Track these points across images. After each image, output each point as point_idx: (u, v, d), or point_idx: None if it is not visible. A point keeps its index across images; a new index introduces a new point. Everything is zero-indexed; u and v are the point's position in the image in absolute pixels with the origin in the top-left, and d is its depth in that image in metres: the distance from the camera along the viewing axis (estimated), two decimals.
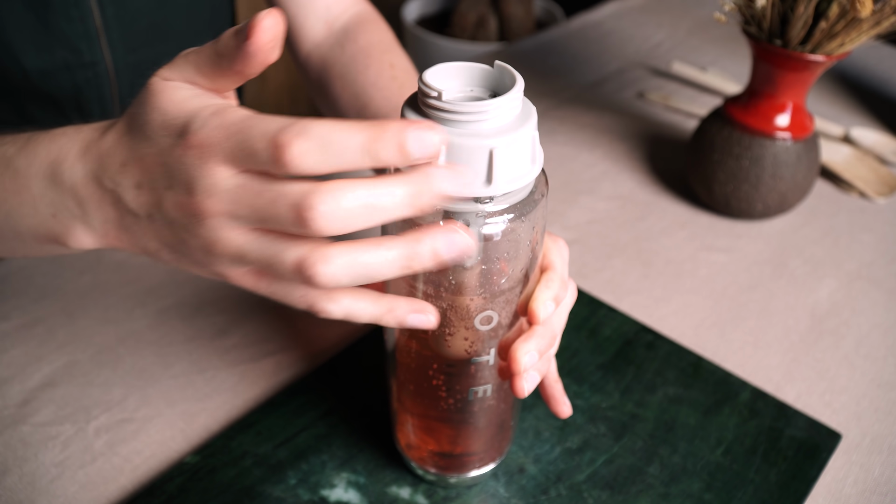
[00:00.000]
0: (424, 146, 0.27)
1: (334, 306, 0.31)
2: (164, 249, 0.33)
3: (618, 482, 0.45)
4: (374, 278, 0.29)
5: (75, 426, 0.48)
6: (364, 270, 0.28)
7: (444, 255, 0.29)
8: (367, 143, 0.27)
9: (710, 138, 0.66)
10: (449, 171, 0.28)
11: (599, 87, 0.89)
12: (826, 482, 0.47)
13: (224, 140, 0.28)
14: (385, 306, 0.32)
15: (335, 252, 0.28)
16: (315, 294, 0.31)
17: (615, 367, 0.53)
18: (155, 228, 0.32)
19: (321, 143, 0.26)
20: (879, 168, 0.76)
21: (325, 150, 0.27)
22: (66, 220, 0.35)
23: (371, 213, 0.27)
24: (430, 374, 0.38)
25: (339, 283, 0.28)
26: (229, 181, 0.29)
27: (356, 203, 0.27)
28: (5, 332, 0.54)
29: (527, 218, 0.33)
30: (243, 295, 0.57)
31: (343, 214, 0.27)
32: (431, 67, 0.32)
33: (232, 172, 0.29)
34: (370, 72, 0.60)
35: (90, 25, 0.59)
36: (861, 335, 0.57)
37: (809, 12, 0.55)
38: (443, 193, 0.28)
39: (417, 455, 0.43)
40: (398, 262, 0.29)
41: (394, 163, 0.27)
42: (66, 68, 0.60)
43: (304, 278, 0.28)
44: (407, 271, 0.29)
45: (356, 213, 0.27)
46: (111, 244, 0.35)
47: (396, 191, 0.27)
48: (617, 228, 0.67)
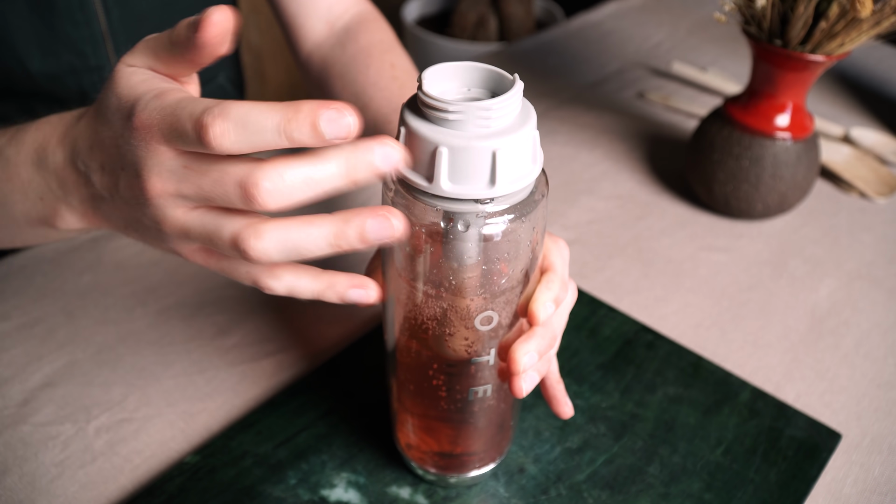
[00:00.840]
0: (338, 127, 0.28)
1: (276, 283, 0.33)
2: (128, 228, 0.35)
3: (618, 482, 0.45)
4: (305, 255, 0.30)
5: (75, 426, 0.48)
6: (294, 246, 0.30)
7: (370, 238, 0.30)
8: (283, 124, 0.28)
9: (710, 138, 0.66)
10: (386, 147, 0.29)
11: (599, 87, 0.89)
12: (826, 482, 0.47)
13: (160, 121, 0.30)
14: (325, 282, 0.33)
15: (267, 227, 0.30)
16: (258, 270, 0.33)
17: (615, 367, 0.53)
18: (117, 207, 0.34)
19: (239, 123, 0.28)
20: (879, 168, 0.76)
21: (243, 130, 0.28)
22: (52, 202, 0.37)
23: (311, 186, 0.29)
24: (430, 374, 0.38)
25: (271, 257, 0.30)
26: (173, 161, 0.30)
27: (298, 177, 0.29)
28: (5, 332, 0.54)
29: (527, 218, 0.33)
30: (244, 295, 0.57)
31: (286, 189, 0.29)
32: (430, 68, 0.32)
33: (173, 153, 0.30)
34: (371, 71, 0.60)
35: (96, 29, 0.59)
36: (861, 335, 0.57)
37: (809, 12, 0.55)
38: (379, 169, 0.30)
39: (417, 455, 0.43)
40: (325, 239, 0.30)
41: (308, 143, 0.28)
42: (73, 72, 0.61)
43: (239, 252, 0.30)
44: (336, 250, 0.30)
45: (297, 187, 0.29)
46: (91, 223, 0.37)
47: (331, 165, 0.29)
48: (617, 228, 0.67)
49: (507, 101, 0.30)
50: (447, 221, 0.32)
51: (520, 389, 0.36)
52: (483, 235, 0.32)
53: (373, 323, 0.56)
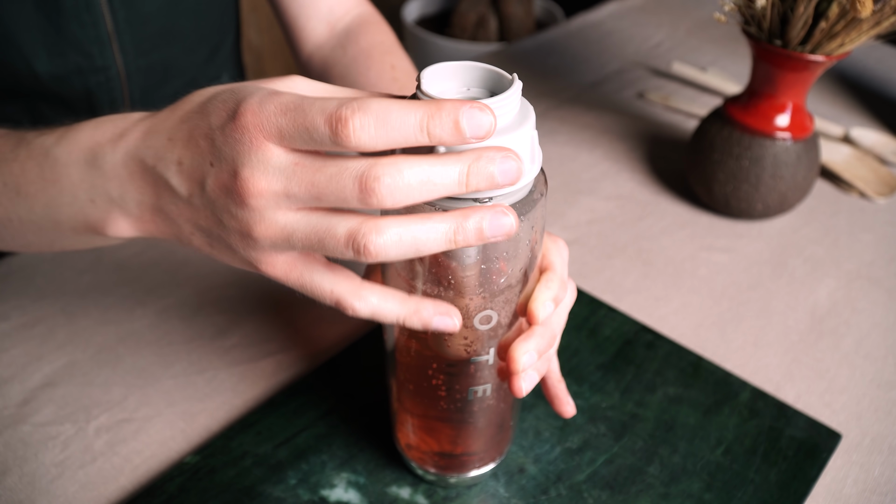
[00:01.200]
0: (479, 125, 0.28)
1: (362, 304, 0.32)
2: (197, 233, 0.33)
3: (618, 482, 0.45)
4: (422, 251, 0.29)
5: (75, 426, 0.48)
6: (413, 243, 0.29)
7: (488, 234, 0.30)
8: (424, 120, 0.28)
9: (709, 138, 0.66)
10: (509, 160, 0.29)
11: (599, 87, 0.89)
12: (826, 482, 0.47)
13: (279, 119, 0.29)
14: (412, 307, 0.32)
15: (387, 223, 0.29)
16: (343, 289, 0.32)
17: (615, 367, 0.53)
18: (192, 209, 0.32)
19: (379, 118, 0.27)
20: (879, 168, 0.76)
21: (383, 125, 0.28)
22: (104, 204, 0.35)
23: (429, 189, 0.28)
24: (429, 374, 0.38)
25: (388, 254, 0.29)
26: (282, 158, 0.29)
27: (417, 178, 0.28)
28: (5, 332, 0.54)
29: (526, 217, 0.33)
30: (244, 295, 0.57)
31: (405, 187, 0.28)
32: (428, 67, 0.32)
33: (283, 151, 0.29)
34: (371, 73, 0.60)
35: (102, 30, 0.60)
36: (861, 335, 0.57)
37: (809, 12, 0.55)
38: (498, 183, 0.29)
39: (417, 455, 0.43)
40: (445, 235, 0.29)
41: (449, 141, 0.28)
42: (79, 72, 0.61)
43: (356, 249, 0.29)
44: (452, 246, 0.30)
45: (416, 187, 0.28)
46: (147, 229, 0.35)
47: (453, 169, 0.28)
48: (617, 228, 0.67)
49: (503, 100, 0.30)
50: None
51: (519, 389, 0.36)
52: None
53: (373, 323, 0.56)
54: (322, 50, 0.66)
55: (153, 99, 0.66)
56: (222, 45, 0.72)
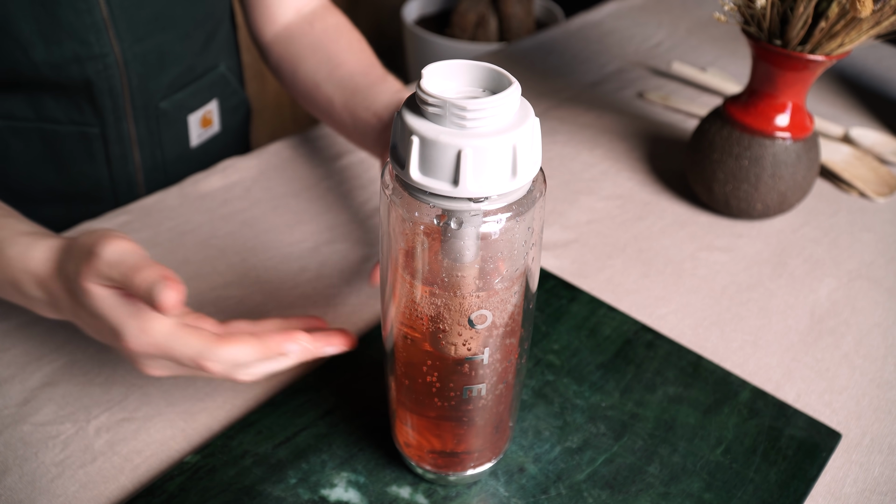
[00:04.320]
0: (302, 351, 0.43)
1: (247, 377, 0.43)
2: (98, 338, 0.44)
3: (618, 481, 0.46)
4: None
5: (76, 425, 0.48)
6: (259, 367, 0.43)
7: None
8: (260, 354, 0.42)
9: (709, 138, 0.66)
10: (301, 345, 0.43)
11: (599, 87, 0.89)
12: (826, 482, 0.47)
13: (153, 351, 0.41)
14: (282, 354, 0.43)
15: (224, 352, 0.41)
16: (227, 369, 0.42)
17: (615, 366, 0.53)
18: (96, 333, 0.44)
19: (230, 364, 0.42)
20: (879, 168, 0.76)
21: (234, 366, 0.42)
22: (29, 304, 0.47)
23: (239, 370, 0.42)
24: (424, 372, 0.38)
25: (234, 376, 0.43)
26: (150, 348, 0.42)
27: (233, 361, 0.42)
28: (5, 332, 0.54)
29: (524, 217, 0.33)
30: (244, 295, 0.58)
31: (227, 367, 0.42)
32: (429, 66, 0.32)
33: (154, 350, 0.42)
34: (342, 40, 0.67)
35: (97, 17, 0.60)
36: (861, 335, 0.57)
37: (809, 12, 0.55)
38: (289, 362, 0.43)
39: (415, 453, 0.43)
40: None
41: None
42: (76, 60, 0.61)
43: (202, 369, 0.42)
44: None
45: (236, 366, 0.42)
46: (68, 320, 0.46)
47: (251, 355, 0.42)
48: (617, 228, 0.67)
49: (502, 100, 0.30)
50: (442, 219, 0.32)
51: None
52: (480, 233, 0.32)
53: (373, 323, 0.56)
54: (289, 29, 0.70)
55: (151, 87, 0.67)
56: (217, 33, 0.72)
